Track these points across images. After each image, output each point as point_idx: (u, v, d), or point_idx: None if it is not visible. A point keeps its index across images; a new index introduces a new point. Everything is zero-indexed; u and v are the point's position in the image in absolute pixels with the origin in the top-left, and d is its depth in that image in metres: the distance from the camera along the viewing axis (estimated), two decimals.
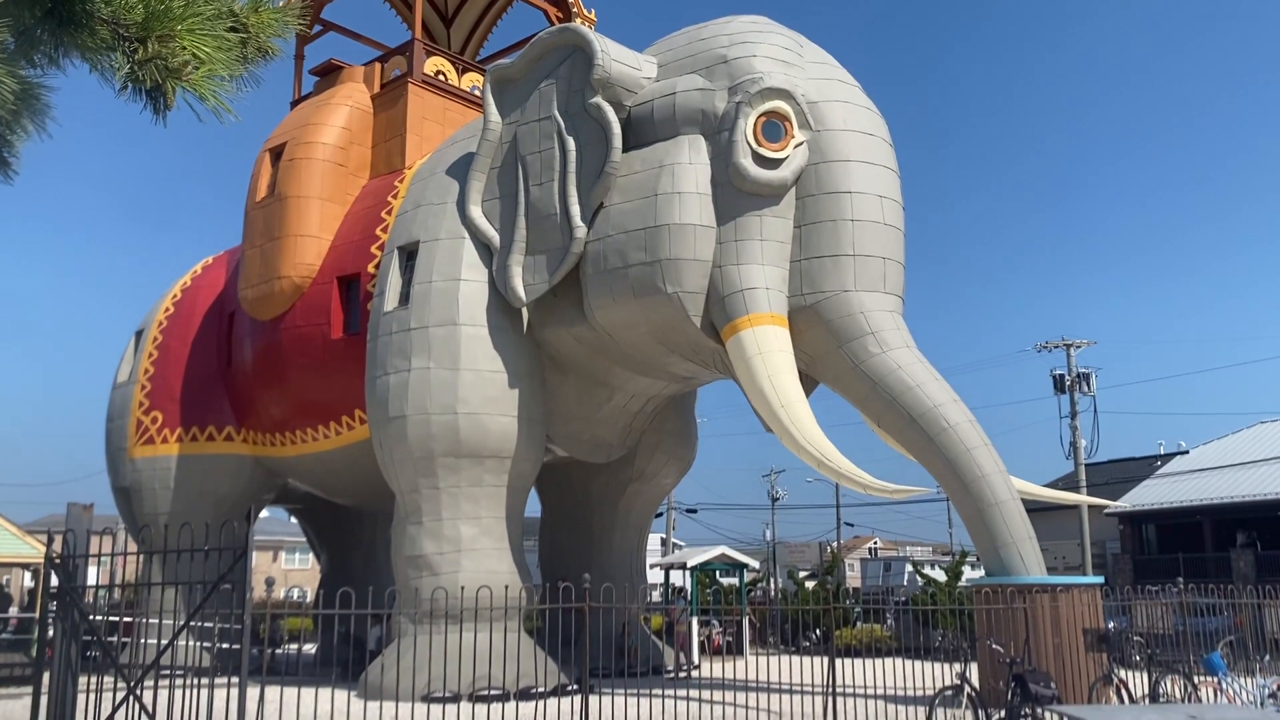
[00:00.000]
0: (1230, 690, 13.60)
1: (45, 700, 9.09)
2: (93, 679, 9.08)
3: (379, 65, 21.40)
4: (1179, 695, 13.23)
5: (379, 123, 20.61)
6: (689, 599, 26.74)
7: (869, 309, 14.88)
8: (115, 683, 8.89)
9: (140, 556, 12.26)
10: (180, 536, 8.85)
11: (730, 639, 24.78)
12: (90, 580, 10.50)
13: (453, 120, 20.65)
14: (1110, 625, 14.89)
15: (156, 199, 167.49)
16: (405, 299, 17.06)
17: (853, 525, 61.32)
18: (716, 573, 29.40)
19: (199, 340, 21.30)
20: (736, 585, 28.64)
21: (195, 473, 20.28)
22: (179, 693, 8.48)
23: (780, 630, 26.85)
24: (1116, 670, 13.20)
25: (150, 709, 8.57)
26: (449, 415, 16.09)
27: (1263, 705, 12.75)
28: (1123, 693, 12.64)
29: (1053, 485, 35.03)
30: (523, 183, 16.52)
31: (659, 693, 13.63)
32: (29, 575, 31.30)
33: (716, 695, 14.29)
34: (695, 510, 52.45)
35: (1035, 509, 16.58)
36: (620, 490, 20.17)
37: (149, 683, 8.69)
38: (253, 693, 9.07)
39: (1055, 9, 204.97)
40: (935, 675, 14.57)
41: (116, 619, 12.38)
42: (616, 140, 15.59)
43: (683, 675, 18.83)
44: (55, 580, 9.47)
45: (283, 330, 19.33)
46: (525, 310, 16.78)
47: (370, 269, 18.28)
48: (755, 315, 14.81)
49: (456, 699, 12.63)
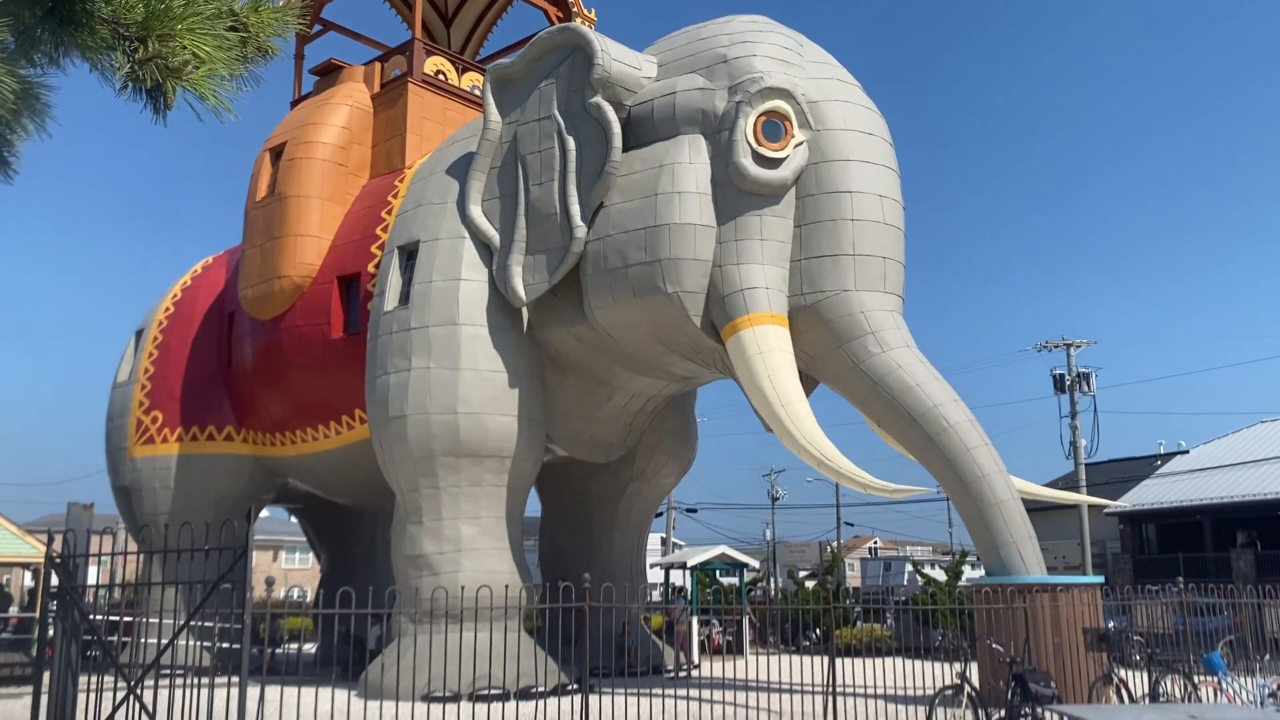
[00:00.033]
0: (1230, 690, 13.60)
1: (45, 700, 9.09)
2: (93, 678, 9.08)
3: (379, 65, 21.41)
4: (1179, 695, 13.24)
5: (379, 122, 20.62)
6: (689, 598, 26.74)
7: (869, 308, 14.88)
8: (115, 682, 8.89)
9: (140, 556, 12.26)
10: (180, 536, 8.85)
11: (730, 639, 24.78)
12: (90, 580, 10.50)
13: (453, 120, 20.66)
14: (1110, 625, 14.89)
15: (156, 199, 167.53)
16: (405, 299, 17.06)
17: (853, 525, 61.39)
18: (716, 572, 29.39)
19: (199, 340, 21.31)
20: (736, 585, 28.63)
21: (195, 472, 20.29)
22: (179, 692, 8.48)
23: (780, 630, 26.85)
24: (1116, 670, 13.20)
25: (150, 708, 8.57)
26: (449, 415, 16.09)
27: (1263, 705, 12.74)
28: (1123, 692, 12.64)
29: (1053, 485, 35.00)
30: (523, 182, 16.52)
31: (659, 692, 13.62)
32: (29, 575, 31.30)
33: (716, 695, 14.30)
34: (695, 510, 52.48)
35: (1035, 509, 16.58)
36: (620, 490, 20.17)
37: (149, 682, 8.69)
38: (253, 692, 9.07)
39: (1056, 9, 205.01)
40: (935, 675, 14.57)
41: (117, 618, 12.39)
42: (616, 140, 15.58)
43: (683, 675, 18.82)
44: (55, 580, 9.47)
45: (283, 330, 19.33)
46: (525, 310, 16.78)
47: (370, 268, 18.28)
48: (755, 315, 14.81)
49: (456, 698, 12.63)
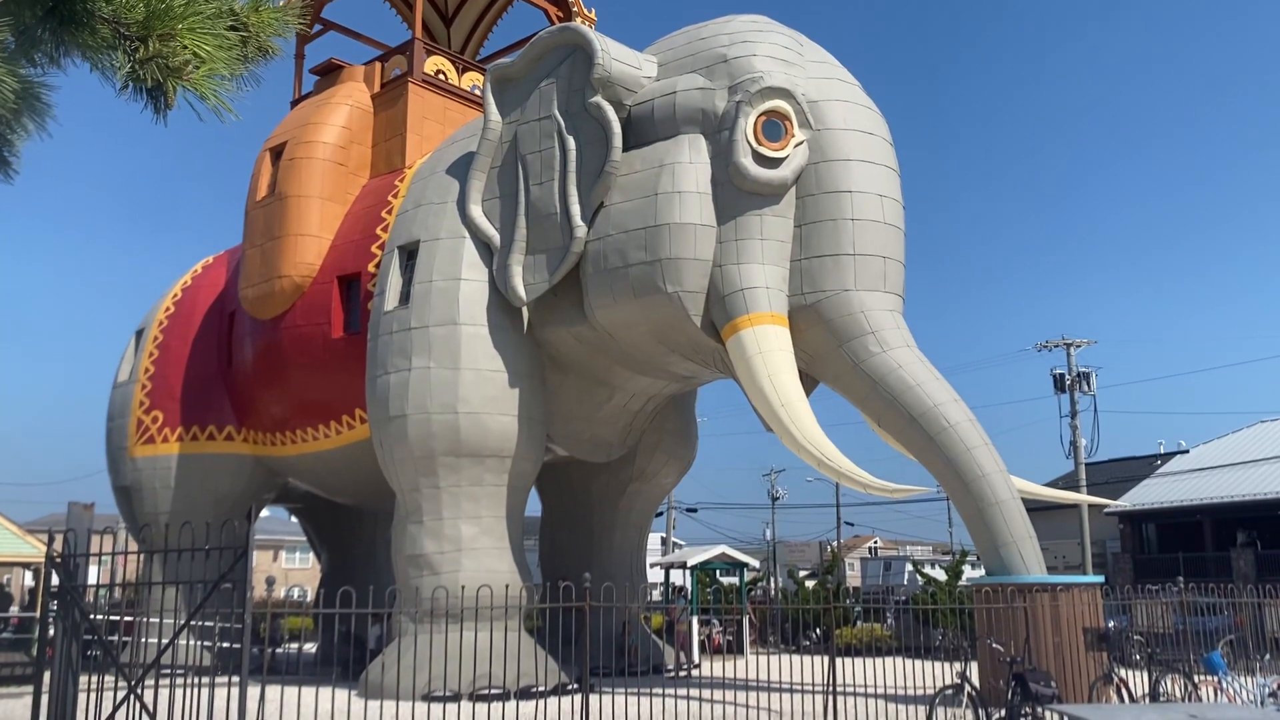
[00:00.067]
0: (1230, 689, 13.60)
1: (46, 699, 9.09)
2: (93, 678, 9.09)
3: (379, 64, 21.41)
4: (1179, 694, 13.24)
5: (379, 122, 20.62)
6: (689, 598, 26.73)
7: (869, 308, 14.88)
8: (116, 682, 8.89)
9: (141, 556, 12.28)
10: (181, 536, 8.85)
11: (730, 638, 24.79)
12: (91, 579, 10.50)
13: (453, 120, 20.66)
14: (1110, 624, 14.89)
15: (156, 199, 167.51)
16: (406, 298, 17.05)
17: (853, 524, 61.35)
18: (717, 572, 29.38)
19: (199, 340, 21.31)
20: (736, 584, 28.63)
21: (196, 472, 20.28)
22: (179, 692, 8.48)
23: (780, 629, 26.85)
24: (1117, 669, 13.20)
25: (151, 708, 8.58)
26: (449, 414, 16.09)
27: (1263, 704, 12.74)
28: (1123, 692, 12.64)
29: (1053, 484, 35.00)
30: (523, 182, 16.52)
31: (659, 692, 13.62)
32: (30, 574, 31.31)
33: (717, 694, 14.31)
34: (695, 509, 52.46)
35: (1035, 508, 16.58)
36: (620, 490, 20.17)
37: (150, 682, 8.69)
38: (253, 692, 9.07)
39: (1057, 10, 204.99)
40: (935, 674, 14.57)
41: (117, 618, 12.40)
42: (617, 139, 15.58)
43: (683, 674, 18.82)
44: (56, 579, 9.47)
45: (283, 329, 19.33)
46: (525, 309, 16.78)
47: (371, 268, 18.28)
48: (755, 314, 14.80)
49: (457, 698, 12.62)
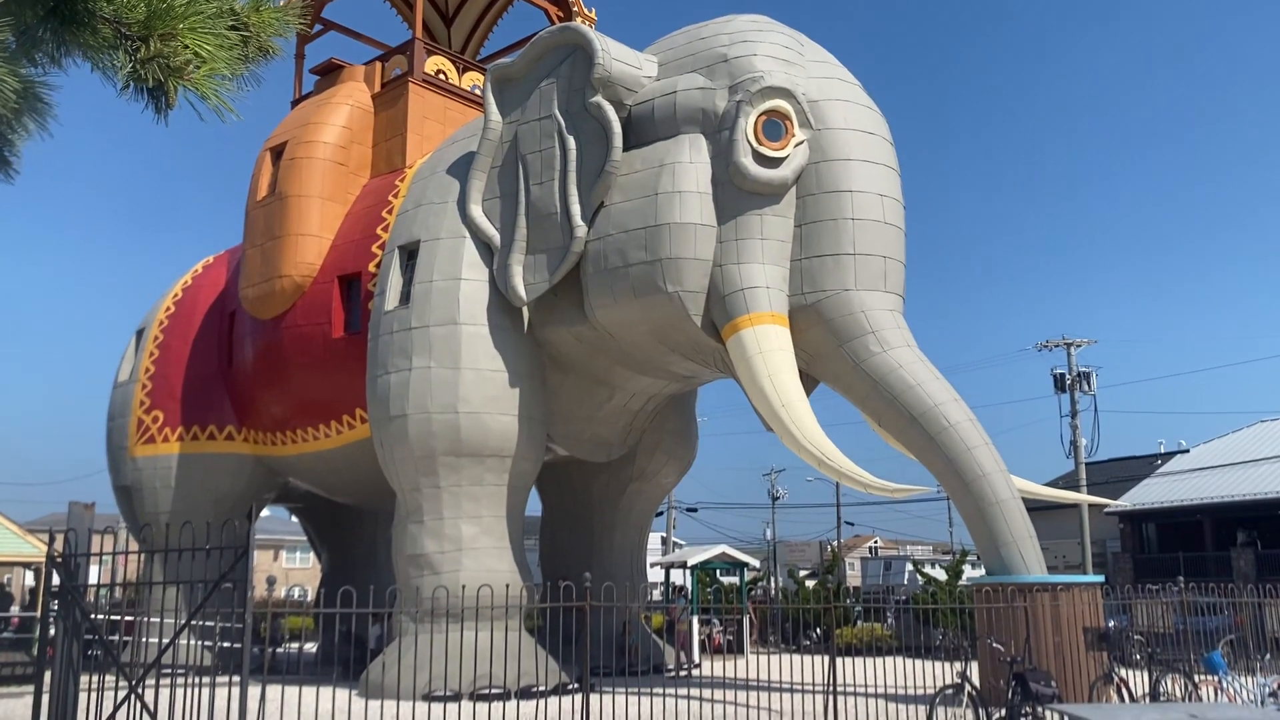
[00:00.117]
0: (1231, 689, 13.60)
1: (47, 699, 9.10)
2: (94, 678, 9.09)
3: (379, 64, 21.41)
4: (1179, 694, 13.25)
5: (380, 122, 20.62)
6: (689, 598, 26.73)
7: (869, 308, 14.88)
8: (117, 682, 8.89)
9: (141, 555, 12.28)
10: (181, 535, 8.85)
11: (731, 638, 24.79)
12: (92, 579, 10.51)
13: (453, 119, 20.66)
14: (1111, 624, 14.89)
15: (156, 199, 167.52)
16: (406, 298, 17.06)
17: (853, 524, 61.26)
18: (717, 571, 29.37)
19: (200, 339, 21.32)
20: (737, 584, 28.63)
21: (196, 471, 20.29)
22: (180, 691, 8.49)
23: (781, 629, 26.86)
24: (1117, 669, 13.21)
25: (151, 708, 8.58)
26: (450, 414, 16.09)
27: (1263, 704, 12.75)
28: (1123, 691, 12.64)
29: (1053, 484, 35.00)
30: (523, 182, 16.52)
31: (660, 691, 13.63)
32: (30, 574, 31.31)
33: (717, 694, 14.30)
34: (696, 509, 52.45)
35: (1035, 508, 16.58)
36: (621, 489, 20.17)
37: (150, 681, 8.69)
38: (254, 691, 9.08)
39: (1061, 11, 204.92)
40: (936, 674, 14.57)
41: (118, 618, 12.40)
42: (617, 139, 15.58)
43: (683, 674, 18.82)
44: (57, 579, 9.48)
45: (284, 329, 19.34)
46: (526, 309, 16.78)
47: (371, 268, 18.28)
48: (756, 314, 14.80)
49: (457, 698, 12.62)
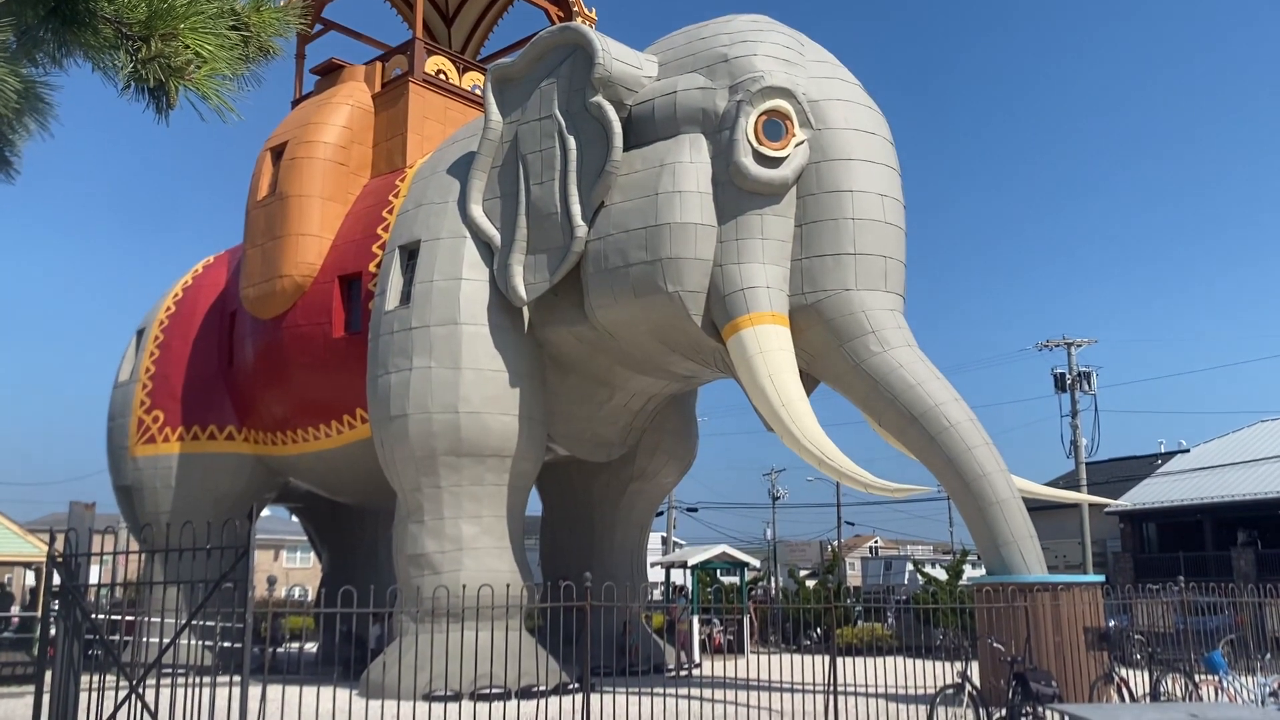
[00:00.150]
0: (1231, 689, 13.60)
1: (47, 699, 9.10)
2: (95, 678, 9.09)
3: (380, 64, 21.40)
4: (1180, 694, 13.25)
5: (380, 122, 20.62)
6: (690, 598, 26.74)
7: (870, 308, 14.88)
8: (117, 681, 8.90)
9: (142, 555, 12.28)
10: (182, 535, 8.86)
11: (731, 638, 24.79)
12: (92, 579, 10.51)
13: (454, 119, 20.66)
14: (1111, 624, 14.89)
15: (156, 199, 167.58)
16: (406, 298, 17.06)
17: (853, 524, 61.22)
18: (717, 571, 29.39)
19: (200, 339, 21.32)
20: (737, 584, 28.64)
21: (196, 471, 20.29)
22: (181, 691, 8.49)
23: (781, 629, 26.86)
24: (1117, 669, 13.21)
25: (152, 708, 8.58)
26: (450, 414, 16.10)
27: (1264, 704, 12.75)
28: (1124, 691, 12.64)
29: (1053, 484, 35.00)
30: (523, 182, 16.52)
31: (660, 691, 13.64)
32: (31, 574, 31.32)
33: (717, 694, 14.30)
34: (696, 509, 52.44)
35: (1036, 507, 16.57)
36: (621, 489, 20.17)
37: (151, 681, 8.70)
38: (254, 691, 9.08)
39: (1064, 14, 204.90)
40: (936, 674, 14.57)
41: (118, 617, 12.41)
42: (617, 139, 15.58)
43: (684, 674, 18.83)
44: (57, 579, 9.48)
45: (284, 329, 19.34)
46: (526, 309, 16.78)
47: (371, 268, 18.28)
48: (756, 314, 14.80)
49: (458, 697, 12.63)
